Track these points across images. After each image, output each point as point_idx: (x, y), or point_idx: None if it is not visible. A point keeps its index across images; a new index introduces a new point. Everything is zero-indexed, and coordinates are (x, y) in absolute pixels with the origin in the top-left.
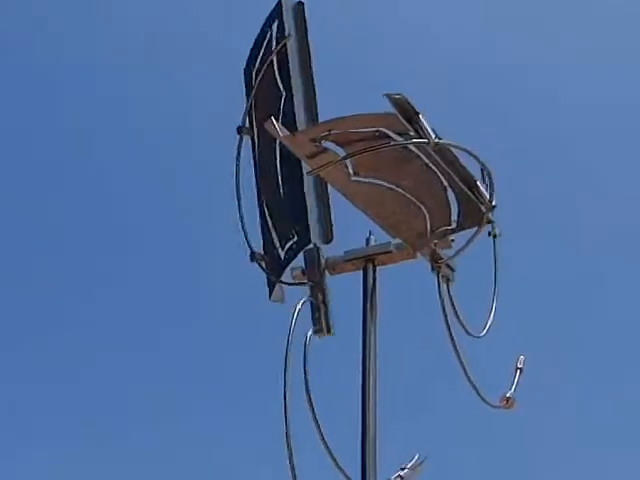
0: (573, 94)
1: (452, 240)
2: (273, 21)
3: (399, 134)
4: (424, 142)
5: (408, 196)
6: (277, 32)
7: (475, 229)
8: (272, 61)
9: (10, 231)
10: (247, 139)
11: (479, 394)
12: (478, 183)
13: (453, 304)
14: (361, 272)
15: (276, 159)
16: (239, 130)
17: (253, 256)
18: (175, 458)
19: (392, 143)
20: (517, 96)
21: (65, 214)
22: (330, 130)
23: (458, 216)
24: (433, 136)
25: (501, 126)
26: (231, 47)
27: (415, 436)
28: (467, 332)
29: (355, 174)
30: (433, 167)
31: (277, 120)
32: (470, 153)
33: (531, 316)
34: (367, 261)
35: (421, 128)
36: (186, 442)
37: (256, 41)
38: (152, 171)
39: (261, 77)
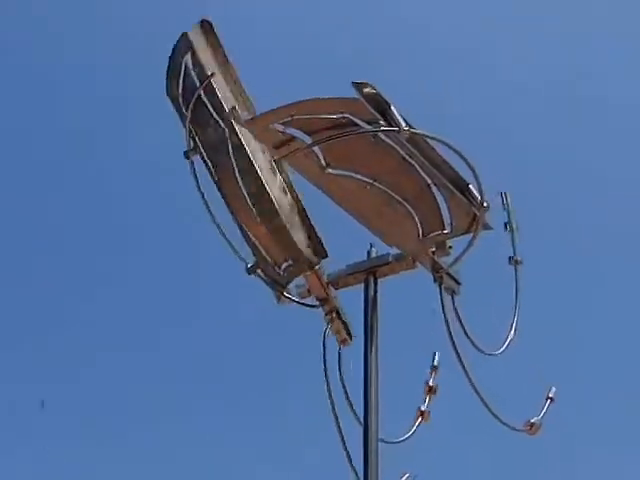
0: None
1: (450, 247)
2: (185, 52)
3: (368, 123)
4: (394, 130)
5: (391, 193)
6: (194, 67)
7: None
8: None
9: (10, 231)
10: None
11: (499, 419)
12: (467, 183)
13: (460, 319)
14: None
15: (237, 181)
16: (186, 155)
17: (251, 269)
18: (175, 458)
19: (360, 130)
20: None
21: (65, 214)
22: (292, 115)
23: (450, 219)
24: (404, 125)
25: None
26: (231, 47)
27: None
28: (480, 350)
29: (328, 165)
30: (411, 161)
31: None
32: (446, 144)
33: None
34: (368, 274)
35: (392, 118)
36: (186, 442)
37: (170, 68)
38: (152, 171)
39: (192, 108)
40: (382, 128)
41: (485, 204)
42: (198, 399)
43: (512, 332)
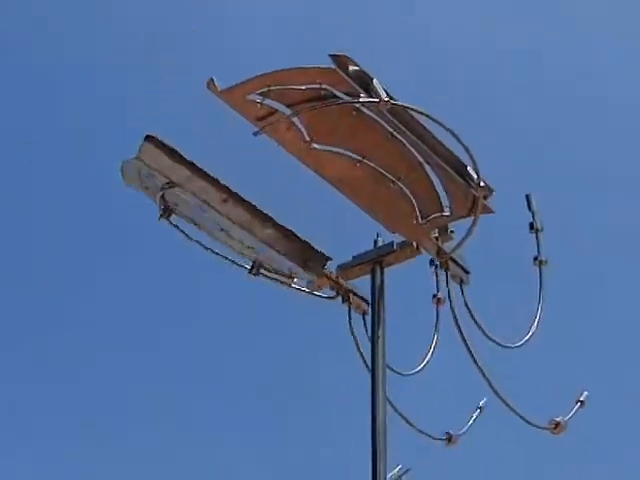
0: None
1: (452, 232)
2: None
3: (349, 96)
4: (374, 101)
5: (381, 171)
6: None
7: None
8: None
9: (10, 231)
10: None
11: (523, 418)
12: (464, 164)
13: (469, 307)
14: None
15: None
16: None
17: (253, 270)
18: (175, 458)
19: (340, 101)
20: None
21: (65, 214)
22: (269, 85)
23: (449, 201)
24: (384, 95)
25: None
26: (229, 46)
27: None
28: (496, 343)
29: (312, 140)
30: (400, 137)
31: None
32: (431, 117)
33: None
34: (375, 264)
35: (373, 90)
36: (186, 442)
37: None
38: None
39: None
40: (362, 99)
41: (482, 184)
42: (198, 399)
43: (535, 325)
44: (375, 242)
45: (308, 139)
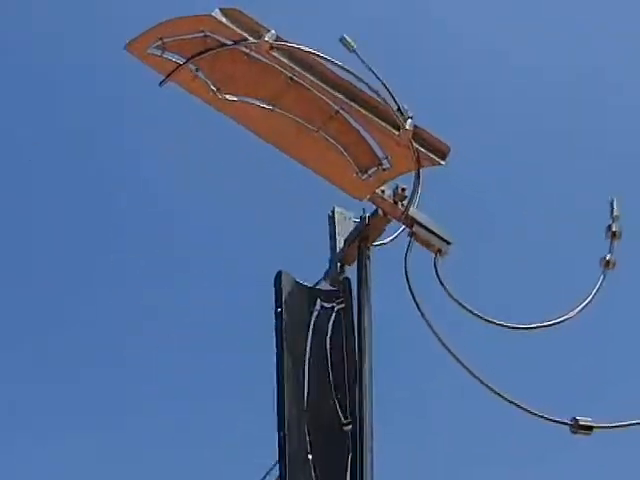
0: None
1: (403, 189)
2: None
3: (235, 43)
4: (253, 42)
5: (295, 119)
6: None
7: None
8: None
9: (10, 231)
10: None
11: (548, 419)
12: (383, 104)
13: (440, 279)
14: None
15: None
16: None
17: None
18: (175, 459)
19: (225, 48)
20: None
21: (65, 214)
22: (162, 37)
23: (383, 152)
24: (267, 38)
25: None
26: None
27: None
28: (501, 325)
29: (219, 90)
30: (305, 84)
31: None
32: (321, 57)
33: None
34: (360, 241)
35: (261, 36)
36: (186, 443)
37: None
38: (152, 171)
39: None
40: (243, 43)
41: (409, 116)
42: (198, 398)
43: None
44: (361, 219)
45: (214, 88)
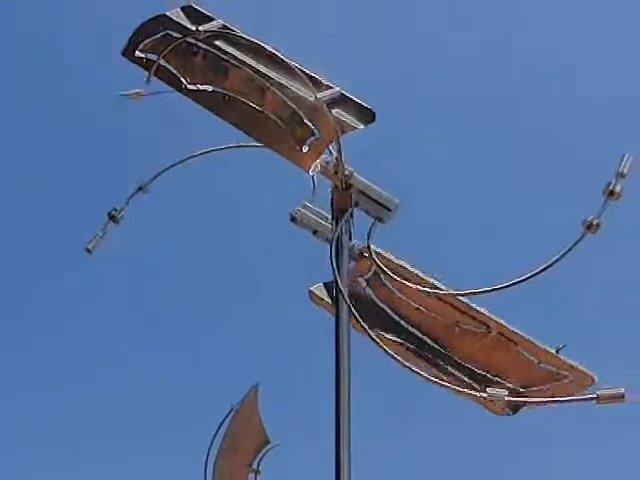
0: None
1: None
2: None
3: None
4: (192, 33)
5: (237, 97)
6: None
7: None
8: None
9: (10, 231)
10: None
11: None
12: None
13: (370, 248)
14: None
15: None
16: None
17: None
18: (175, 457)
19: (174, 43)
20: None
21: (65, 214)
22: (142, 40)
23: (311, 122)
24: (202, 28)
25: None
26: None
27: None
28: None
29: (189, 83)
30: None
31: None
32: (256, 43)
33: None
34: (337, 212)
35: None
36: (187, 443)
37: None
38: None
39: None
40: (190, 35)
41: (326, 84)
42: (198, 399)
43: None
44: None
45: (185, 83)
